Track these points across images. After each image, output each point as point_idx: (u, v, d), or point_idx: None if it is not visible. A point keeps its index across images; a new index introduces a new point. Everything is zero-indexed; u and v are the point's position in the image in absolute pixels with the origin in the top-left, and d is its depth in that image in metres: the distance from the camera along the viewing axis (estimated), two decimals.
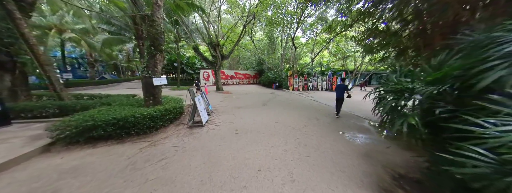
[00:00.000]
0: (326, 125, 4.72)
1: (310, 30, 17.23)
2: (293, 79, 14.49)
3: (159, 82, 4.24)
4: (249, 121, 4.86)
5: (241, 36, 11.13)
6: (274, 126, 4.40)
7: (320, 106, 7.59)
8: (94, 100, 5.19)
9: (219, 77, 11.97)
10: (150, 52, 4.23)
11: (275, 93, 11.62)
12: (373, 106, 2.83)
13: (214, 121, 4.77)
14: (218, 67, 11.45)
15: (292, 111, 6.23)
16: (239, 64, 25.10)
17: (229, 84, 19.04)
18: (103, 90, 12.67)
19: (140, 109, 3.74)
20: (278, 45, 20.81)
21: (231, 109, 6.41)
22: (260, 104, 7.52)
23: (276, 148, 3.15)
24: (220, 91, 12.16)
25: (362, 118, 5.65)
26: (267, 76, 16.56)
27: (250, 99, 9.06)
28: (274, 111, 6.14)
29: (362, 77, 18.06)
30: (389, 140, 3.72)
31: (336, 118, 5.48)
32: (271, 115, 5.54)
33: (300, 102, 8.35)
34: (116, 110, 3.62)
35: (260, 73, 20.32)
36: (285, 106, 7.17)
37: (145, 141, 3.33)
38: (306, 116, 5.61)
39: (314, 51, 19.26)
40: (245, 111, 6.17)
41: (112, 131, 3.15)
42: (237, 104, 7.53)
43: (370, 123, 4.99)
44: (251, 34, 15.61)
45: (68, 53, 19.00)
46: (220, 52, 11.05)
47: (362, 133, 4.14)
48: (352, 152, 3.06)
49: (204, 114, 4.50)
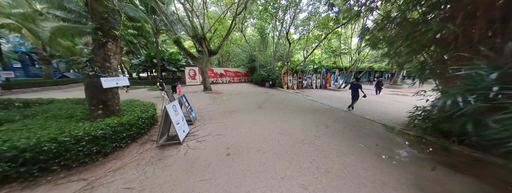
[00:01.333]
0: (340, 133, 3.80)
1: (302, 26, 16.46)
2: (288, 77, 13.62)
3: (112, 84, 2.92)
4: (244, 131, 3.76)
5: (231, 30, 9.84)
6: (277, 139, 3.36)
7: (322, 107, 6.74)
8: (19, 109, 3.64)
9: (206, 75, 10.59)
10: (96, 40, 2.87)
11: (270, 93, 10.61)
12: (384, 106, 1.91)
13: (197, 134, 3.57)
14: (205, 64, 10.06)
15: (294, 115, 5.25)
16: (229, 61, 23.64)
17: (219, 83, 17.62)
18: (59, 92, 10.49)
19: (77, 126, 2.42)
20: (270, 42, 19.80)
21: (221, 114, 5.24)
22: (255, 107, 6.43)
23: (289, 181, 2.11)
24: (208, 91, 10.81)
25: (374, 121, 4.86)
26: (260, 74, 15.47)
27: (243, 100, 7.93)
28: (273, 116, 5.10)
29: (355, 74, 17.86)
30: (421, 151, 2.92)
31: (347, 111, 5.92)
32: (270, 122, 4.49)
33: (299, 103, 7.44)
34: (32, 128, 2.27)
35: (252, 71, 19.18)
36: (284, 109, 6.18)
37: (78, 180, 2.06)
38: (312, 121, 4.66)
39: (306, 49, 18.63)
40: (238, 116, 5.04)
41: (12, 169, 1.83)
42: (228, 107, 6.36)
43: (388, 128, 4.20)
44: (242, 28, 14.31)
45: (15, 46, 15.73)
46: (207, 47, 9.66)
47: (387, 143, 3.29)
48: (395, 182, 2.13)
49: (182, 126, 3.28)
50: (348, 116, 5.35)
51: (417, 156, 2.89)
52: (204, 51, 9.48)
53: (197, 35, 8.96)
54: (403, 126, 4.56)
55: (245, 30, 15.89)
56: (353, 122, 4.76)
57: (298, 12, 14.16)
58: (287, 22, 14.39)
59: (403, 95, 10.94)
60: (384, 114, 5.86)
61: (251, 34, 20.09)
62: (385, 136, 3.77)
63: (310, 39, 16.21)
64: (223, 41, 9.91)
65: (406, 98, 9.70)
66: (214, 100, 7.79)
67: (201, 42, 9.11)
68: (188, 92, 10.64)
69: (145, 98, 7.75)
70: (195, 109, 5.99)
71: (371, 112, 6.08)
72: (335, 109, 6.35)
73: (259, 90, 12.33)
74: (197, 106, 6.43)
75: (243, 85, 15.82)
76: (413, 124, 4.20)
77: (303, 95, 10.09)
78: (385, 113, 6.03)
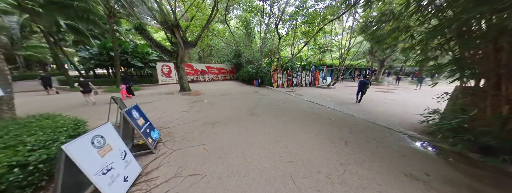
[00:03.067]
0: (369, 154, 2.79)
1: (290, 21, 15.44)
2: (277, 75, 12.55)
3: None
4: (236, 163, 2.43)
5: (211, 18, 8.12)
6: (291, 177, 2.14)
7: (322, 110, 5.78)
8: None
9: (183, 72, 8.70)
10: None
11: (260, 93, 9.37)
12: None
13: (154, 177, 2.11)
14: (180, 59, 8.17)
15: (299, 125, 4.11)
16: (212, 56, 21.48)
17: (200, 81, 15.63)
18: None
19: None
20: (256, 36, 18.37)
21: (200, 129, 3.77)
22: (246, 113, 5.10)
23: None
24: (186, 92, 8.98)
25: (392, 129, 4.05)
26: (247, 71, 14.04)
27: (230, 103, 6.49)
28: (273, 128, 3.86)
29: (347, 72, 17.85)
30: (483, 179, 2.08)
31: (355, 103, 6.81)
32: (272, 140, 3.24)
33: (296, 105, 6.38)
34: None
35: (238, 68, 17.60)
36: (283, 115, 5.00)
37: None
38: (324, 134, 3.58)
39: (294, 45, 17.81)
40: (224, 131, 3.65)
41: None
42: (211, 115, 4.88)
43: (413, 138, 3.37)
44: (226, 18, 12.51)
45: None
46: (182, 37, 7.78)
47: (434, 169, 2.38)
48: None
49: (121, 170, 1.79)
50: (359, 123, 4.46)
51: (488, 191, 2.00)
52: (178, 42, 7.58)
53: (168, 22, 6.99)
54: (421, 132, 3.91)
55: (229, 22, 14.06)
56: (369, 131, 3.85)
57: (285, 6, 13.04)
58: (275, 15, 13.13)
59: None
60: (388, 116, 5.24)
61: (235, 26, 18.28)
62: (422, 155, 2.90)
63: (297, 35, 15.35)
64: (203, 31, 8.11)
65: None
66: (192, 105, 6.16)
67: (174, 31, 7.19)
68: (161, 94, 8.66)
69: (84, 107, 5.72)
70: (165, 120, 4.37)
71: (372, 114, 5.46)
72: (339, 112, 5.46)
73: (247, 89, 10.98)
74: (167, 115, 4.79)
75: (228, 84, 14.21)
76: (441, 133, 3.48)
77: (296, 95, 9.14)
78: (388, 115, 5.42)
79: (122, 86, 7.10)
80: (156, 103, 6.38)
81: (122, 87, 7.07)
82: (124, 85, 7.16)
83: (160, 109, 5.40)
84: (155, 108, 5.61)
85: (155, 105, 6.03)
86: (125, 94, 7.17)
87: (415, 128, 4.26)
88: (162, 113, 4.98)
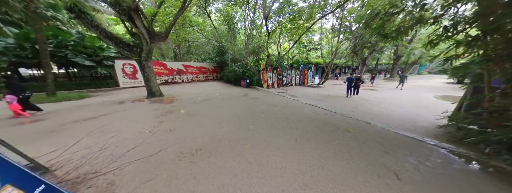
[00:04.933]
0: None
1: (274, 18, 14.46)
2: (267, 74, 11.43)
3: None
4: None
5: (188, 3, 6.44)
6: None
7: (333, 117, 4.81)
8: None
9: (150, 73, 6.78)
10: None
11: (251, 96, 8.08)
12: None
13: None
14: (145, 56, 6.26)
15: (317, 146, 2.97)
16: (191, 54, 19.17)
17: (176, 82, 13.50)
18: None
19: None
20: (240, 33, 16.91)
21: (170, 169, 2.30)
22: (239, 129, 3.74)
23: None
24: (156, 98, 7.09)
25: (424, 142, 3.27)
26: (233, 71, 12.54)
27: (216, 113, 5.03)
28: (284, 156, 2.62)
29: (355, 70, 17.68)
30: None
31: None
32: (291, 182, 2.00)
33: (297, 111, 5.30)
34: None
35: (221, 67, 15.91)
36: (289, 128, 3.83)
37: None
38: (360, 163, 2.50)
39: (280, 43, 16.96)
40: (211, 171, 2.26)
41: None
42: (189, 135, 3.37)
43: (455, 153, 2.58)
44: (206, 9, 10.73)
45: None
46: (148, 28, 5.90)
47: None
48: None
49: None
50: (383, 134, 3.58)
51: None
52: (141, 33, 5.68)
53: (122, 4, 5.00)
54: (453, 142, 3.23)
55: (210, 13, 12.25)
56: (404, 148, 2.96)
57: (272, 1, 11.97)
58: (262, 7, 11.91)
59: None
60: (395, 120, 4.62)
61: (216, 21, 16.45)
62: (481, 180, 2.06)
63: (282, 32, 14.49)
64: (175, 20, 6.33)
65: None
66: (162, 119, 4.46)
67: (132, 16, 5.26)
68: (118, 102, 6.60)
69: None
70: (110, 152, 2.73)
71: (376, 116, 4.91)
72: (350, 119, 4.54)
73: (235, 91, 9.55)
74: (118, 142, 3.13)
75: (211, 85, 12.50)
76: (488, 147, 2.81)
77: (291, 96, 8.15)
78: (394, 118, 4.81)
79: (8, 98, 4.28)
80: (105, 119, 4.36)
81: (9, 99, 4.29)
82: (13, 96, 4.33)
83: (108, 130, 3.59)
84: (102, 127, 3.76)
85: (102, 122, 4.07)
86: (18, 111, 4.44)
87: (435, 134, 3.66)
88: (109, 137, 3.21)
